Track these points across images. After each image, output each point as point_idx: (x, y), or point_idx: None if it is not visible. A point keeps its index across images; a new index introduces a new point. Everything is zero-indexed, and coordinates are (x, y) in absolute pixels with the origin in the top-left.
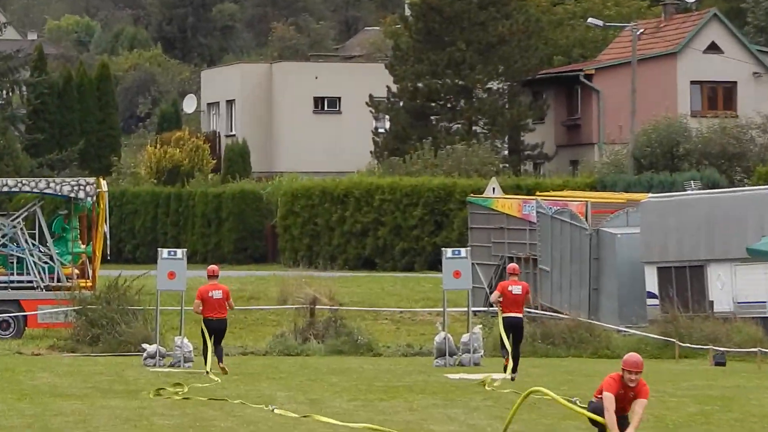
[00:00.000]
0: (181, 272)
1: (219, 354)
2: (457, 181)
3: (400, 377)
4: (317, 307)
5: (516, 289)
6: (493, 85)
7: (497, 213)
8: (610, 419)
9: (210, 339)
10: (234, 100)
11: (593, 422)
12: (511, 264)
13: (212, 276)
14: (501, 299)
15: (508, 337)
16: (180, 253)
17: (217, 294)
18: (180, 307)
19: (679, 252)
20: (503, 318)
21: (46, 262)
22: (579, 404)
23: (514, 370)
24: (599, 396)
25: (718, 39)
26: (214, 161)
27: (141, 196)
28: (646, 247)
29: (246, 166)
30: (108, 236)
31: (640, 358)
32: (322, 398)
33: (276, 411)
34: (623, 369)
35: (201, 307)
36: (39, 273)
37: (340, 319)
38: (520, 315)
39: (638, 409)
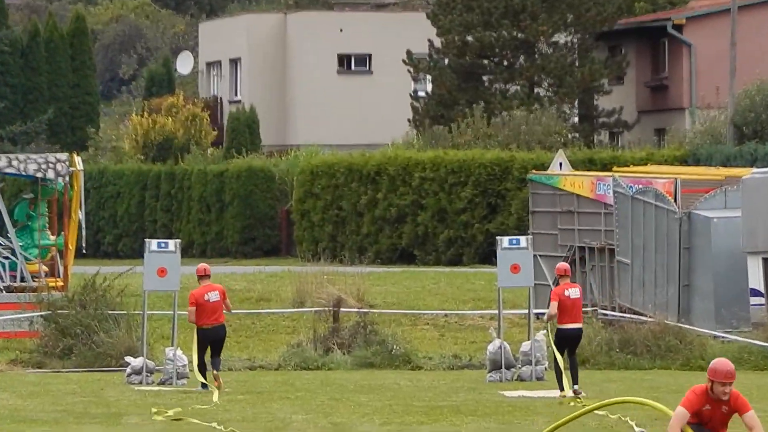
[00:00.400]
0: (174, 269)
1: (216, 365)
2: (515, 154)
3: (444, 395)
4: (342, 310)
5: (574, 292)
6: (560, 38)
7: (565, 193)
8: None
9: (205, 352)
10: (239, 58)
11: None
12: (561, 264)
13: (204, 276)
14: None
15: (563, 354)
16: (172, 245)
17: (214, 296)
18: (172, 312)
19: None
20: (560, 330)
21: (6, 257)
22: None
23: (575, 382)
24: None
25: None
26: (215, 133)
27: (125, 176)
28: (749, 234)
29: (254, 139)
30: (83, 225)
31: (731, 365)
32: (348, 422)
33: None
34: (712, 380)
35: (195, 315)
36: None
37: (370, 325)
38: (580, 325)
39: (754, 423)
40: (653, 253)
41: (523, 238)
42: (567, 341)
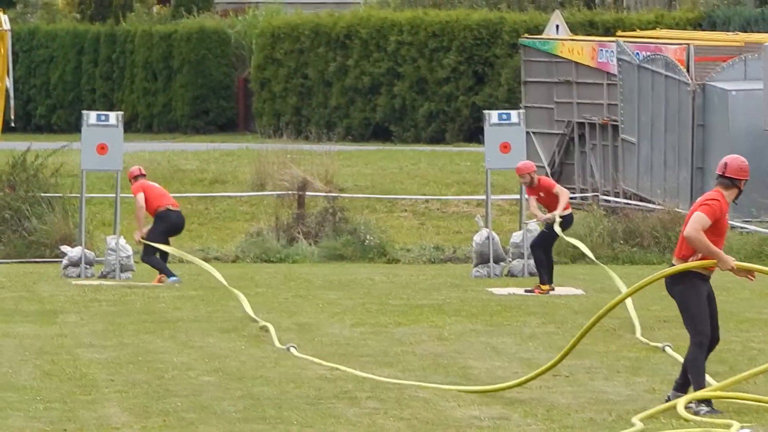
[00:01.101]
0: (116, 145)
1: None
2: (505, 15)
3: (425, 293)
4: (308, 194)
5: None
6: None
7: (562, 61)
8: (711, 251)
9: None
10: None
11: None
12: (522, 163)
13: (140, 176)
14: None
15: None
16: (114, 117)
17: (156, 185)
18: (115, 195)
19: None
20: (564, 217)
21: None
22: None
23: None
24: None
25: None
26: None
27: (58, 38)
28: None
29: None
30: (11, 95)
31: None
32: (315, 323)
33: (294, 352)
34: (737, 178)
35: (146, 201)
36: None
37: (340, 212)
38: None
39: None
40: (662, 131)
41: (514, 113)
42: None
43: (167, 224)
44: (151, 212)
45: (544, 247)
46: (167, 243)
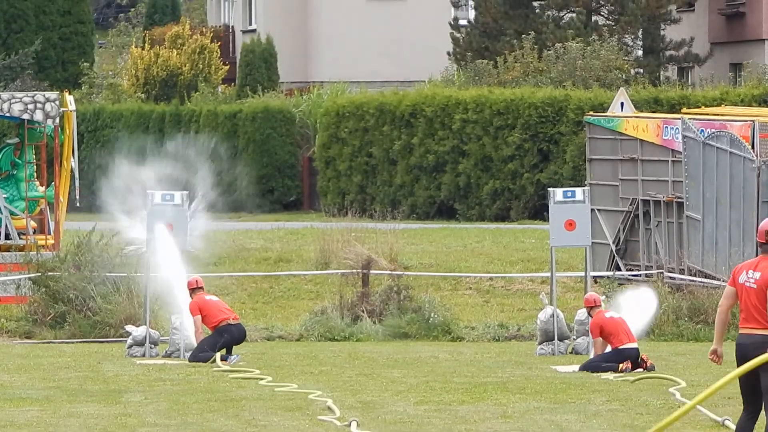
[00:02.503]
0: (182, 224)
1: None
2: (570, 93)
3: (489, 371)
4: (372, 272)
5: (613, 313)
6: None
7: (627, 138)
8: None
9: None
10: None
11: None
12: (589, 294)
13: (197, 289)
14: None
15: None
16: (179, 197)
17: (215, 297)
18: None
19: None
20: (620, 351)
21: None
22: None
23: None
24: None
25: None
26: (227, 67)
27: (123, 117)
28: None
29: (271, 75)
30: (77, 174)
31: None
32: (379, 401)
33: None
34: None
35: (203, 321)
36: None
37: (404, 290)
38: (636, 345)
39: None
40: (727, 208)
41: (579, 190)
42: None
43: (226, 339)
44: (211, 328)
45: None
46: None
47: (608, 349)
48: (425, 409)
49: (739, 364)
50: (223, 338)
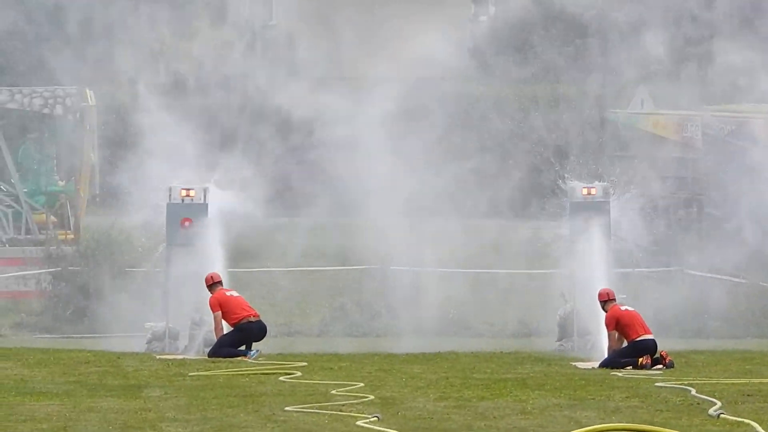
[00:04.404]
0: (201, 218)
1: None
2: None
3: (508, 367)
4: (392, 267)
5: (628, 306)
6: None
7: (648, 134)
8: None
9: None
10: None
11: None
12: (603, 288)
13: (215, 284)
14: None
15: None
16: (199, 191)
17: (236, 293)
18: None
19: None
20: (637, 342)
21: (9, 206)
22: None
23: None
24: None
25: None
26: None
27: None
28: None
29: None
30: (97, 169)
31: None
32: (399, 396)
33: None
34: None
35: (223, 317)
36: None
37: (424, 285)
38: (652, 336)
39: None
40: (747, 205)
41: (599, 186)
42: (643, 353)
43: (246, 335)
44: (231, 324)
45: None
46: (237, 348)
47: (625, 344)
48: (445, 405)
49: None
50: (243, 335)
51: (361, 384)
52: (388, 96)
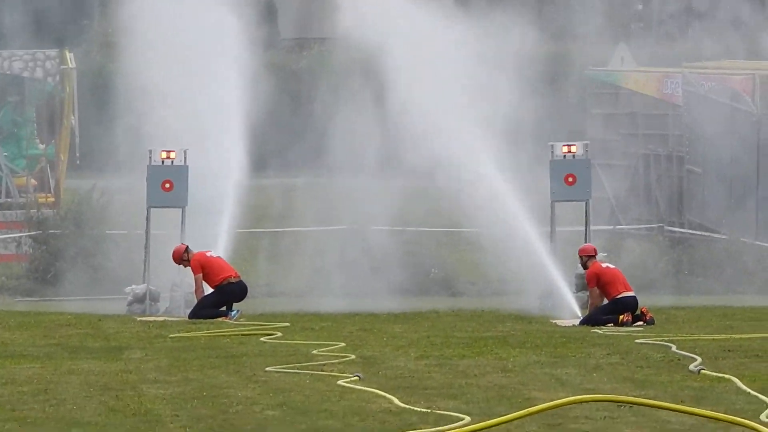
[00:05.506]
0: (182, 181)
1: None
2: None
3: (489, 325)
4: (374, 227)
5: (608, 264)
6: None
7: (628, 92)
8: None
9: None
10: None
11: None
12: (585, 244)
13: (185, 251)
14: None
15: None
16: (180, 152)
17: (216, 254)
18: (180, 232)
19: None
20: (617, 300)
21: None
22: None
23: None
24: None
25: None
26: None
27: None
28: None
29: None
30: (77, 132)
31: None
32: (380, 356)
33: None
34: None
35: (205, 279)
36: None
37: (406, 245)
38: (633, 294)
39: None
40: (728, 162)
41: (579, 144)
42: (623, 311)
43: (227, 296)
44: (213, 286)
45: None
46: (218, 309)
47: (605, 301)
48: (426, 364)
49: None
50: (224, 296)
51: (343, 344)
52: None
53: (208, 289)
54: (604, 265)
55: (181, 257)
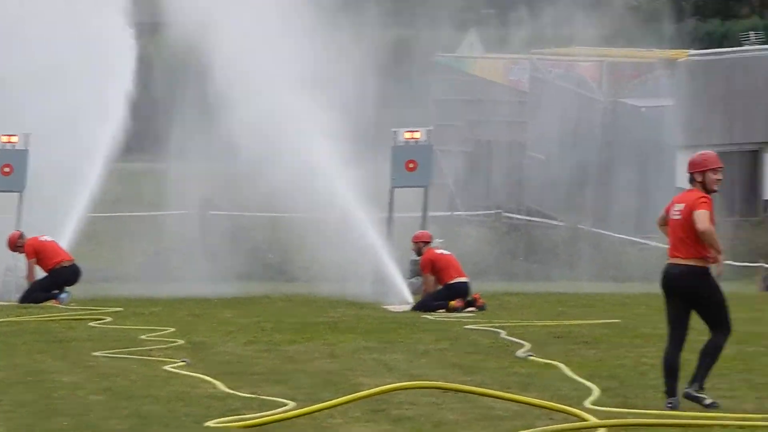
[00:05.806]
0: (21, 167)
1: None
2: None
3: (321, 311)
4: (210, 212)
5: (443, 250)
6: None
7: (474, 78)
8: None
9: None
10: None
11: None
12: (420, 231)
13: (19, 238)
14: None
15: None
16: (21, 138)
17: (49, 238)
18: (16, 215)
19: (728, 133)
20: (447, 287)
21: None
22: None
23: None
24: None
25: None
26: None
27: None
28: (683, 126)
29: None
30: None
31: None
32: (209, 341)
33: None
34: (704, 171)
35: (38, 264)
36: None
37: (241, 230)
38: (466, 279)
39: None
40: (570, 148)
41: (422, 131)
42: (456, 297)
43: (59, 280)
44: (47, 270)
45: None
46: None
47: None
48: (254, 349)
49: (665, 293)
50: (57, 280)
51: (172, 329)
52: None
53: (42, 274)
54: (438, 251)
55: (16, 243)
